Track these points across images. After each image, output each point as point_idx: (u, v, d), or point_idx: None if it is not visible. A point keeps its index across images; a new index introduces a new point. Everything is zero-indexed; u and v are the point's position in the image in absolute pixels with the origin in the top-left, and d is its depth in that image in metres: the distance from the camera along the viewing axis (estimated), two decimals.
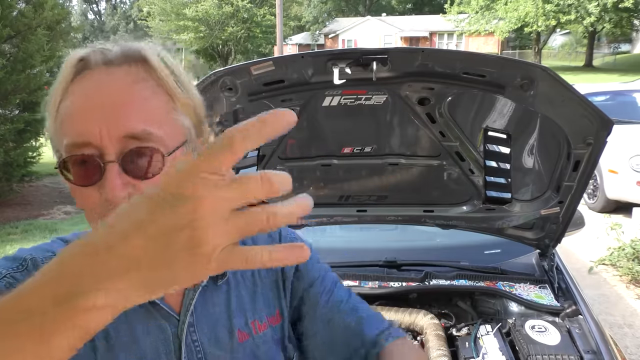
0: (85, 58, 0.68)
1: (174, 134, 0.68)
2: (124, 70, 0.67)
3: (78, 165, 0.65)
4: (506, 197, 1.96)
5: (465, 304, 2.09)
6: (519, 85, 1.60)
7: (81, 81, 0.67)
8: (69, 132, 0.65)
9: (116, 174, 0.63)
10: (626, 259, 4.52)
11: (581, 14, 25.90)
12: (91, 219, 0.67)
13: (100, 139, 0.63)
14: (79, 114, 0.65)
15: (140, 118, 0.65)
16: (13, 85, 6.55)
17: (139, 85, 0.66)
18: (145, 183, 0.65)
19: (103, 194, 0.63)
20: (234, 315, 0.79)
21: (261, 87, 1.63)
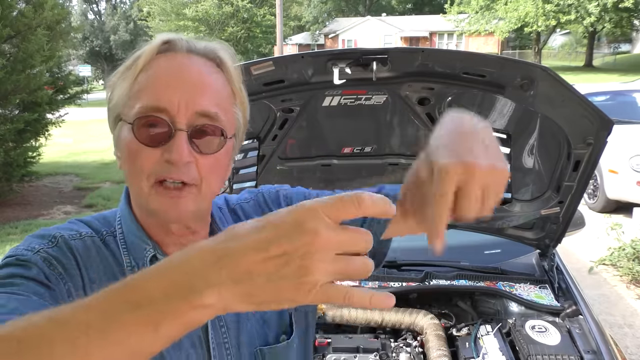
0: (171, 41, 0.75)
1: (231, 123, 0.77)
2: (203, 60, 0.75)
3: (148, 127, 0.71)
4: (506, 197, 1.96)
5: (465, 304, 2.09)
6: (519, 85, 1.60)
7: (164, 59, 0.74)
8: (147, 97, 0.71)
9: (184, 141, 0.70)
10: (626, 259, 4.52)
11: (581, 14, 25.89)
12: (140, 180, 0.72)
13: (177, 108, 0.70)
14: (161, 83, 0.72)
15: (214, 101, 0.73)
16: (13, 85, 6.55)
17: (214, 76, 0.75)
18: (204, 158, 0.72)
19: (166, 155, 0.70)
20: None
21: (261, 87, 1.63)
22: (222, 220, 0.88)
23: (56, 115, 8.22)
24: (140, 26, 44.92)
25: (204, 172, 0.73)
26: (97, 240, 0.79)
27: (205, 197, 0.76)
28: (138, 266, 0.78)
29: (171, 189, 0.72)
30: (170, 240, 0.80)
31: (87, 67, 30.96)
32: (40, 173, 8.53)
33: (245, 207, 0.94)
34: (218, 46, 0.78)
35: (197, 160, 0.72)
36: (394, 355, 1.81)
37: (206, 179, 0.74)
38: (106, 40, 46.68)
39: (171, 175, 0.71)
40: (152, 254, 0.78)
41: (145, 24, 37.98)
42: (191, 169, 0.72)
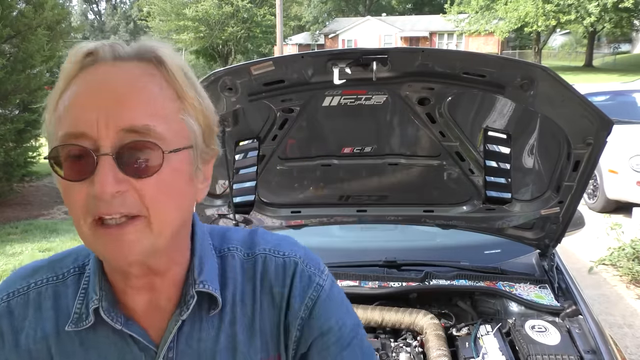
0: (93, 52, 0.64)
1: (178, 135, 0.64)
2: (133, 64, 0.64)
3: (70, 159, 0.60)
4: (506, 197, 1.96)
5: (465, 304, 2.09)
6: (519, 85, 1.59)
7: (86, 74, 0.63)
8: (66, 122, 0.61)
9: (109, 168, 0.58)
10: (626, 259, 4.52)
11: (581, 14, 25.89)
12: (78, 221, 0.62)
13: (97, 129, 0.59)
14: (78, 103, 0.61)
15: (144, 111, 0.61)
16: (13, 85, 6.55)
17: (146, 79, 0.63)
18: (142, 182, 0.60)
19: (91, 190, 0.59)
20: (220, 354, 0.71)
21: (261, 87, 1.63)
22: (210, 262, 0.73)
23: None
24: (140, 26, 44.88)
25: (148, 199, 0.60)
26: (45, 290, 0.72)
27: (158, 230, 0.62)
28: (86, 316, 0.68)
29: (113, 227, 0.60)
30: (129, 285, 0.69)
31: None
32: (41, 173, 8.53)
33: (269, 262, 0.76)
34: (157, 44, 0.67)
35: (134, 187, 0.60)
36: (394, 355, 1.81)
37: (153, 207, 0.61)
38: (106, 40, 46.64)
39: (105, 211, 0.59)
40: (95, 306, 0.68)
41: (145, 24, 37.95)
42: (128, 198, 0.60)
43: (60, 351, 0.69)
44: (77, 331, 0.69)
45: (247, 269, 0.75)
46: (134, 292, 0.69)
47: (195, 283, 0.70)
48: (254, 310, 0.74)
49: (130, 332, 0.68)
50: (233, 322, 0.73)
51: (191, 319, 0.71)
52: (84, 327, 0.68)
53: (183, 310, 0.70)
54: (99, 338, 0.69)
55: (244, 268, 0.75)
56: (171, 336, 0.69)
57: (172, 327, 0.69)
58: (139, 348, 0.69)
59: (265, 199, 2.23)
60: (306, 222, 2.29)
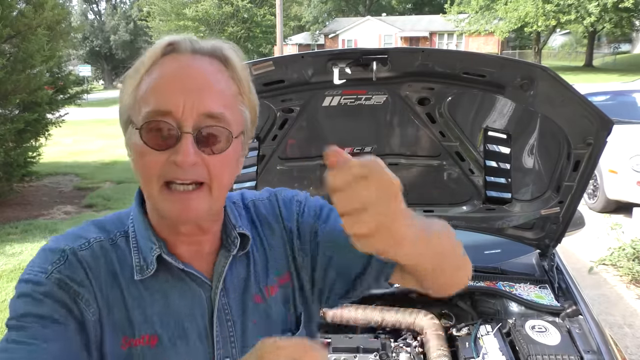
0: (174, 43, 0.76)
1: (238, 122, 0.78)
2: (207, 60, 0.77)
3: (155, 131, 0.73)
4: (506, 197, 1.96)
5: (465, 304, 2.09)
6: (519, 85, 1.60)
7: (168, 61, 0.75)
8: (153, 100, 0.73)
9: (190, 144, 0.72)
10: (626, 259, 4.52)
11: (581, 14, 25.90)
12: (149, 182, 0.74)
13: (182, 111, 0.72)
14: (166, 86, 0.73)
15: (219, 101, 0.74)
16: (13, 85, 6.54)
17: (219, 75, 0.76)
18: (212, 157, 0.74)
19: (173, 157, 0.72)
20: (252, 282, 0.88)
21: (261, 87, 1.63)
22: (235, 215, 0.90)
23: (56, 115, 8.22)
24: (140, 26, 44.89)
25: (214, 171, 0.75)
26: (105, 245, 0.82)
27: (217, 196, 0.77)
28: (147, 265, 0.80)
29: (180, 192, 0.74)
30: (178, 239, 0.82)
31: (87, 67, 30.95)
32: (40, 173, 8.53)
33: (258, 205, 0.95)
34: (224, 45, 0.80)
35: (205, 161, 0.74)
36: (394, 355, 1.81)
37: (216, 177, 0.75)
38: (106, 40, 46.67)
39: (178, 177, 0.73)
40: (158, 254, 0.80)
41: (145, 24, 37.96)
42: (199, 169, 0.74)
43: (131, 296, 0.80)
44: (141, 280, 0.80)
45: (247, 216, 0.93)
46: (182, 244, 0.83)
47: (235, 227, 0.87)
48: (262, 243, 0.92)
49: (189, 270, 0.81)
50: (253, 258, 0.90)
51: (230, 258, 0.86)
52: (147, 275, 0.80)
53: (231, 248, 0.86)
54: (160, 283, 0.81)
55: (246, 216, 0.93)
56: (225, 269, 0.84)
57: (224, 262, 0.85)
58: (196, 284, 0.83)
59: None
60: None
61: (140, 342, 0.79)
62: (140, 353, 0.78)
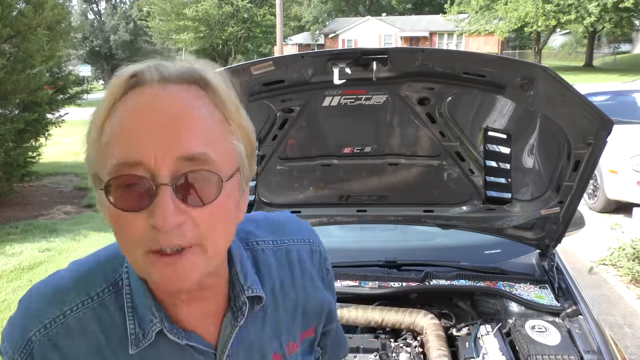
0: (138, 73, 0.62)
1: (229, 159, 0.63)
2: (181, 87, 0.62)
3: (125, 189, 0.59)
4: (506, 197, 1.96)
5: (465, 304, 2.09)
6: (519, 85, 1.59)
7: (133, 97, 0.61)
8: (118, 151, 0.59)
9: (169, 199, 0.57)
10: (626, 259, 4.52)
11: (581, 14, 25.90)
12: (130, 251, 0.62)
13: (154, 158, 0.57)
14: (130, 131, 0.59)
15: (199, 139, 0.60)
16: (13, 85, 6.54)
17: (196, 104, 0.62)
18: (200, 211, 0.60)
19: (151, 220, 0.58)
20: (268, 340, 0.77)
21: (261, 87, 1.63)
22: (246, 270, 0.76)
23: (56, 115, 8.23)
24: (140, 26, 44.88)
25: (204, 227, 0.61)
26: (84, 315, 0.69)
27: (213, 255, 0.63)
28: (144, 335, 0.68)
29: (168, 255, 0.60)
30: (179, 299, 0.69)
31: (87, 67, 30.95)
32: (40, 173, 8.53)
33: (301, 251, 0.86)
34: (200, 66, 0.65)
35: (191, 217, 0.60)
36: (394, 355, 1.81)
37: (209, 235, 0.61)
38: (106, 40, 46.67)
39: (164, 244, 0.59)
40: (159, 329, 0.68)
41: (145, 24, 37.95)
42: (185, 229, 0.59)
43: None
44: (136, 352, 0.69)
45: (279, 258, 0.81)
46: (184, 305, 0.70)
47: (243, 290, 0.73)
48: (296, 290, 0.81)
49: (192, 343, 0.70)
50: (276, 310, 0.79)
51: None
52: (143, 346, 0.68)
53: (238, 316, 0.73)
54: (160, 352, 0.69)
55: (276, 258, 0.81)
56: (231, 340, 0.72)
57: (230, 330, 0.73)
58: (198, 353, 0.72)
59: (265, 199, 2.23)
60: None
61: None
62: None
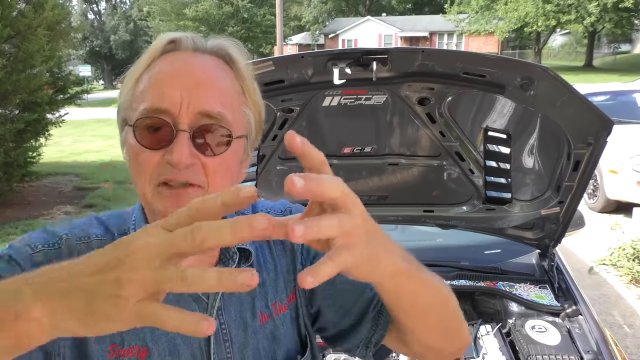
0: (176, 40, 0.73)
1: (240, 124, 0.74)
2: (209, 57, 0.73)
3: (149, 129, 0.69)
4: (506, 197, 1.96)
5: (465, 304, 2.09)
6: (519, 85, 1.59)
7: (169, 57, 0.72)
8: (150, 97, 0.69)
9: (186, 143, 0.67)
10: (626, 259, 4.52)
11: (581, 14, 25.91)
12: (142, 182, 0.70)
13: (179, 108, 0.68)
14: (163, 82, 0.69)
15: (218, 100, 0.70)
16: (13, 85, 6.55)
17: (220, 73, 0.73)
18: (209, 159, 0.70)
19: (167, 157, 0.68)
20: (257, 298, 0.82)
21: (261, 87, 1.63)
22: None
23: (56, 115, 8.23)
24: (140, 26, 44.90)
25: (210, 174, 0.70)
26: (106, 243, 0.74)
27: None
28: None
29: (174, 189, 0.69)
30: None
31: (87, 67, 30.93)
32: (40, 173, 8.53)
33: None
34: (228, 43, 0.76)
35: (201, 162, 0.70)
36: (394, 355, 1.81)
37: (213, 181, 0.71)
38: (106, 40, 46.69)
39: (173, 177, 0.69)
40: None
41: (145, 24, 37.97)
42: (195, 170, 0.69)
43: None
44: None
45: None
46: None
47: None
48: (273, 258, 0.87)
49: None
50: (260, 271, 0.84)
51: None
52: None
53: (229, 263, 0.80)
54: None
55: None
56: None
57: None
58: (192, 299, 0.77)
59: (265, 199, 2.23)
60: None
61: (130, 353, 0.74)
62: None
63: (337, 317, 0.88)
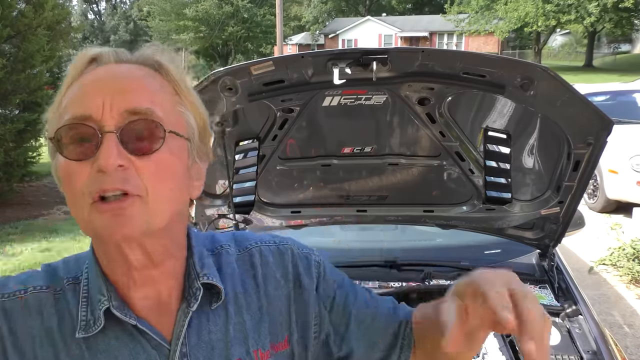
0: (98, 56, 0.69)
1: (177, 122, 0.68)
2: (135, 66, 0.69)
3: (75, 142, 0.63)
4: (506, 197, 1.96)
5: None
6: (519, 85, 1.59)
7: (91, 72, 0.68)
8: (71, 109, 0.64)
9: (113, 144, 0.61)
10: (626, 259, 4.52)
11: (581, 14, 25.90)
12: (78, 204, 0.64)
13: (102, 111, 0.62)
14: (84, 93, 0.65)
15: (145, 97, 0.65)
16: (13, 85, 6.55)
17: (148, 79, 0.68)
18: (143, 161, 0.63)
19: (95, 164, 0.61)
20: (232, 343, 0.74)
21: (261, 87, 1.63)
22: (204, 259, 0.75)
23: None
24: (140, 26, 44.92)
25: (147, 178, 0.63)
26: (45, 297, 0.71)
27: (154, 210, 0.64)
28: (94, 320, 0.68)
29: (111, 203, 0.62)
30: (132, 280, 0.69)
31: None
32: (41, 173, 8.53)
33: (264, 252, 0.81)
34: (154, 50, 0.71)
35: (135, 165, 0.63)
36: None
37: (152, 186, 0.64)
38: (106, 40, 46.74)
39: (106, 187, 0.61)
40: (106, 307, 0.68)
41: (145, 24, 37.97)
42: (129, 175, 0.62)
43: (68, 356, 0.68)
44: (85, 337, 0.68)
45: (244, 261, 0.80)
46: (136, 288, 0.70)
47: (199, 276, 0.73)
48: (259, 297, 0.78)
49: (143, 327, 0.69)
50: (239, 312, 0.76)
51: (198, 313, 0.73)
52: (93, 332, 0.68)
53: (191, 302, 0.72)
54: (109, 341, 0.69)
55: (240, 262, 0.79)
56: (184, 329, 0.71)
57: (183, 320, 0.71)
58: (151, 346, 0.70)
59: (265, 199, 2.23)
60: (306, 222, 2.29)
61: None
62: None
63: (368, 352, 0.83)
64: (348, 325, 0.83)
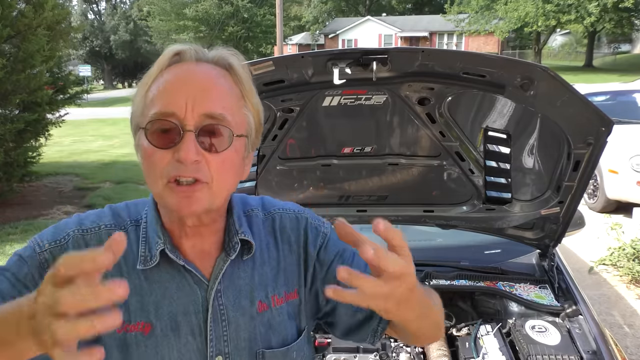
0: (181, 52, 0.82)
1: (240, 124, 0.83)
2: (211, 66, 0.82)
3: (160, 132, 0.78)
4: (506, 197, 1.96)
5: (465, 304, 2.09)
6: (519, 85, 1.59)
7: (174, 69, 0.81)
8: (158, 104, 0.78)
9: (192, 142, 0.76)
10: (626, 259, 4.52)
11: (581, 14, 25.91)
12: (155, 181, 0.79)
13: (185, 111, 0.77)
14: (169, 90, 0.78)
15: (219, 103, 0.79)
16: (13, 85, 6.54)
17: (221, 80, 0.81)
18: (213, 156, 0.78)
19: (176, 155, 0.76)
20: (256, 288, 0.90)
21: (261, 87, 1.63)
22: (242, 220, 0.92)
23: (56, 115, 8.21)
24: (140, 26, 44.90)
25: (214, 170, 0.79)
26: (113, 231, 0.86)
27: (217, 194, 0.81)
28: (151, 257, 0.85)
29: (184, 186, 0.78)
30: (184, 232, 0.86)
31: (87, 67, 30.92)
32: (40, 173, 8.52)
33: (284, 218, 0.97)
34: (227, 53, 0.85)
35: (206, 159, 0.78)
36: (394, 355, 1.81)
37: (217, 176, 0.79)
38: (106, 40, 46.69)
39: (182, 174, 0.77)
40: (162, 248, 0.85)
41: (145, 24, 37.98)
42: (201, 167, 0.78)
43: (131, 283, 0.80)
44: (143, 269, 0.85)
45: (267, 225, 0.97)
46: (187, 238, 0.87)
47: (237, 233, 0.90)
48: (278, 255, 0.95)
49: (190, 267, 0.86)
50: (262, 264, 0.93)
51: (232, 262, 0.89)
52: (150, 266, 0.85)
53: (230, 252, 0.88)
54: (161, 274, 0.86)
55: (265, 224, 0.96)
56: (221, 273, 0.87)
57: (221, 265, 0.88)
58: (194, 281, 0.86)
59: None
60: None
61: (135, 328, 0.84)
62: (134, 339, 0.83)
63: (351, 312, 0.96)
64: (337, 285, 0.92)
